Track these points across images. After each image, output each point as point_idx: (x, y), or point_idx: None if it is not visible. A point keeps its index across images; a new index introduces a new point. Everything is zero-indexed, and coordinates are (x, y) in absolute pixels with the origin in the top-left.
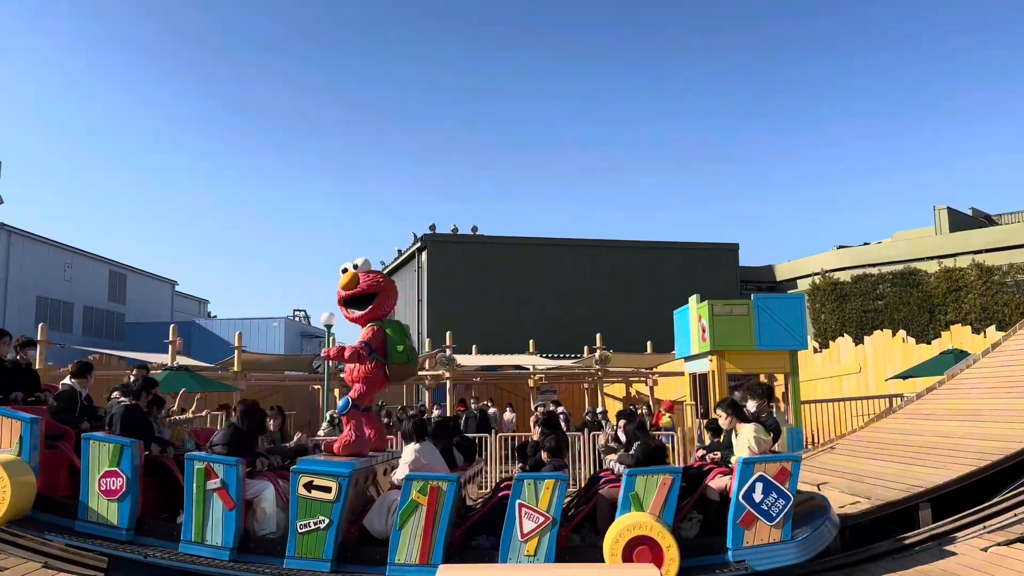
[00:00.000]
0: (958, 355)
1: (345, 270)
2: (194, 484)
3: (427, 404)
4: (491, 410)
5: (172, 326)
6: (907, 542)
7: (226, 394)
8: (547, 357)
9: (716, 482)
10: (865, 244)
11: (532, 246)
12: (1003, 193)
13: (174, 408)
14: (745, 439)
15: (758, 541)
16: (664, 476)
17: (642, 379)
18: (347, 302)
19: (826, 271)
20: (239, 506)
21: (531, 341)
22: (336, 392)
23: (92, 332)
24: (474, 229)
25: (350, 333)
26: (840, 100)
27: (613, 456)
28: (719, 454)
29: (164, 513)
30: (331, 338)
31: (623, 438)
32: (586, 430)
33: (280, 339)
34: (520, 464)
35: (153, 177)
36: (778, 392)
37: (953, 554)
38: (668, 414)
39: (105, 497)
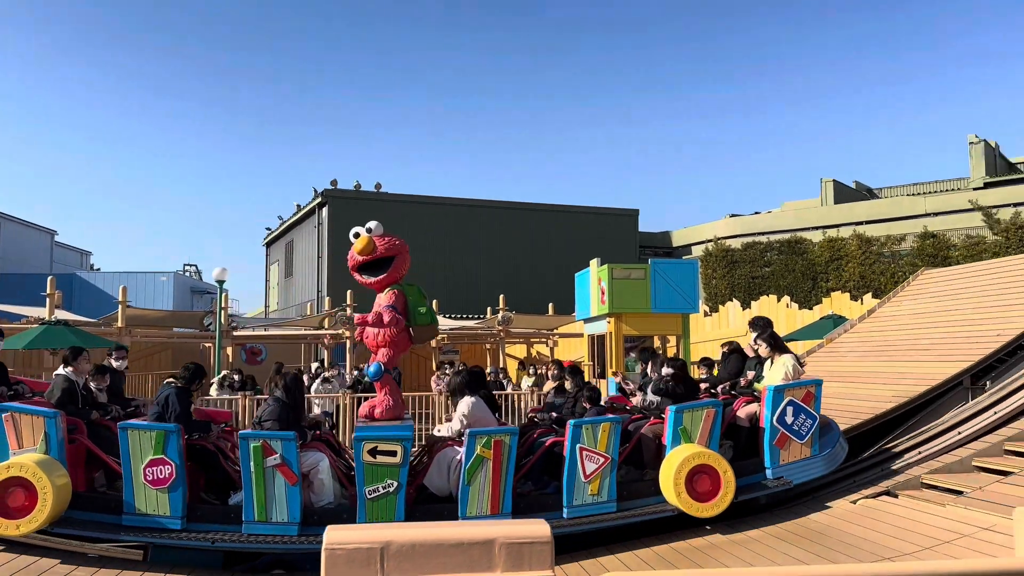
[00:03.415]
0: (837, 320)
1: (357, 235)
2: (251, 463)
3: (326, 363)
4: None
5: (50, 278)
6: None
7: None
8: (449, 317)
9: (744, 410)
10: (756, 213)
11: (436, 206)
12: (886, 167)
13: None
14: (782, 366)
15: (792, 458)
16: (708, 409)
17: (543, 340)
18: (360, 268)
19: (719, 238)
20: (300, 480)
21: (434, 301)
22: (229, 350)
23: None
24: (378, 186)
25: (240, 288)
26: (733, 74)
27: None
28: (751, 376)
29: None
30: (223, 295)
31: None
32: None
33: (169, 294)
34: (535, 416)
35: (28, 118)
36: (671, 353)
37: (827, 507)
38: None
39: (153, 487)
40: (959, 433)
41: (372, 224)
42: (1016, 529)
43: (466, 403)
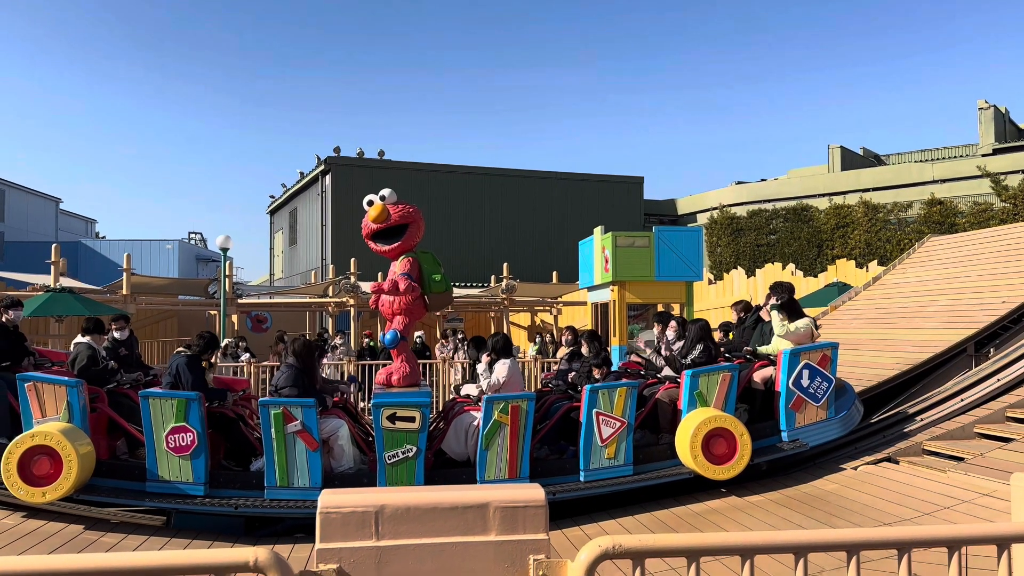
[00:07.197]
0: (842, 287)
1: (371, 203)
2: (272, 429)
3: (330, 331)
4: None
5: (54, 245)
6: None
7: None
8: (453, 285)
9: (760, 374)
10: (762, 180)
11: (440, 173)
12: (894, 134)
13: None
14: (797, 329)
15: (808, 421)
16: (724, 374)
17: (547, 308)
18: (374, 235)
19: (724, 206)
20: (321, 446)
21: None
22: (235, 318)
23: None
24: (381, 154)
25: (244, 256)
26: (740, 41)
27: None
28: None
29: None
30: (228, 262)
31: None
32: None
33: (174, 262)
34: (550, 381)
35: (33, 87)
36: None
37: (828, 473)
38: None
39: (176, 454)
40: (961, 400)
41: (385, 192)
42: (1013, 495)
43: (504, 364)
